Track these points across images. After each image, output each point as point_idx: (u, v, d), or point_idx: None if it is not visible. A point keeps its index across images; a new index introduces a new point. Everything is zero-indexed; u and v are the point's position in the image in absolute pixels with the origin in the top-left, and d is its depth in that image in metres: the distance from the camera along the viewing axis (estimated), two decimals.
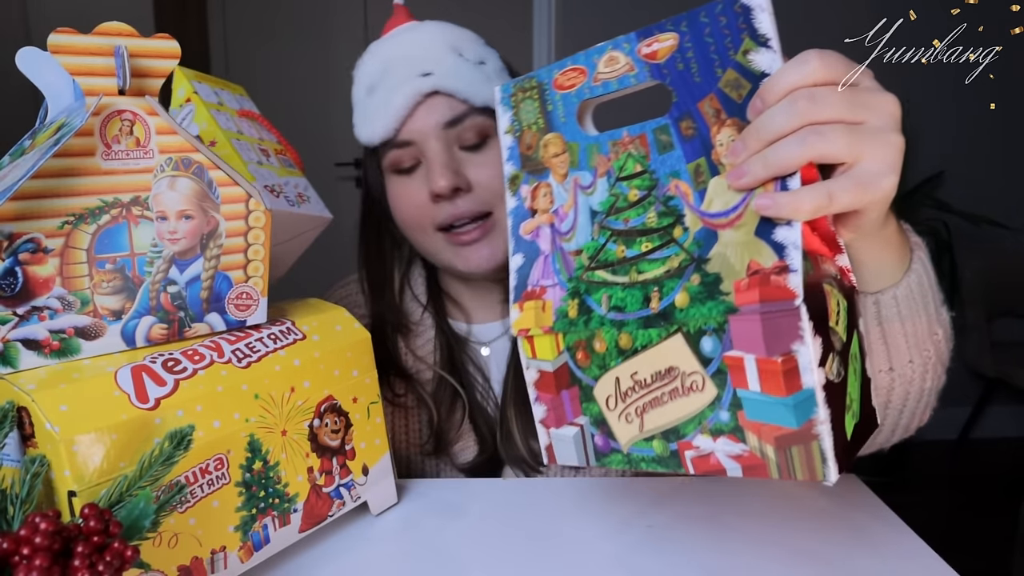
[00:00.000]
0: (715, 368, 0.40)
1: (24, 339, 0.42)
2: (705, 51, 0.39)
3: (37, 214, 0.41)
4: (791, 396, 0.37)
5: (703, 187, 0.40)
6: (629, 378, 0.43)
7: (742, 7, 0.38)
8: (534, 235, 0.48)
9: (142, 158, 0.44)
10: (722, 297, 0.39)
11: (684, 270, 0.40)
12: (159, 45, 0.45)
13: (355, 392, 0.54)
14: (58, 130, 0.44)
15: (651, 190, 0.42)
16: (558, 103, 0.46)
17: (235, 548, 0.46)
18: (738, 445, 0.40)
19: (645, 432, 0.43)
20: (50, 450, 0.38)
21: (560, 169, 0.46)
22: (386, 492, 0.58)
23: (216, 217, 0.48)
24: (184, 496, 0.42)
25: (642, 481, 0.71)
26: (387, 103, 0.68)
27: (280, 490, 0.48)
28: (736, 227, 0.38)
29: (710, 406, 0.40)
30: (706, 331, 0.40)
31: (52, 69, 0.48)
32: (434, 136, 0.68)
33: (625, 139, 0.43)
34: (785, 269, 0.36)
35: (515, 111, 0.48)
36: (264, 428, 0.47)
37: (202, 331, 0.49)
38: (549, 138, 0.46)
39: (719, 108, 0.39)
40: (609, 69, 0.43)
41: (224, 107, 0.67)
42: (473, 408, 0.74)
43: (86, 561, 0.32)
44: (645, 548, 0.53)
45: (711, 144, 0.39)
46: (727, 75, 0.39)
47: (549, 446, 0.48)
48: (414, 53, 0.69)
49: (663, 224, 0.41)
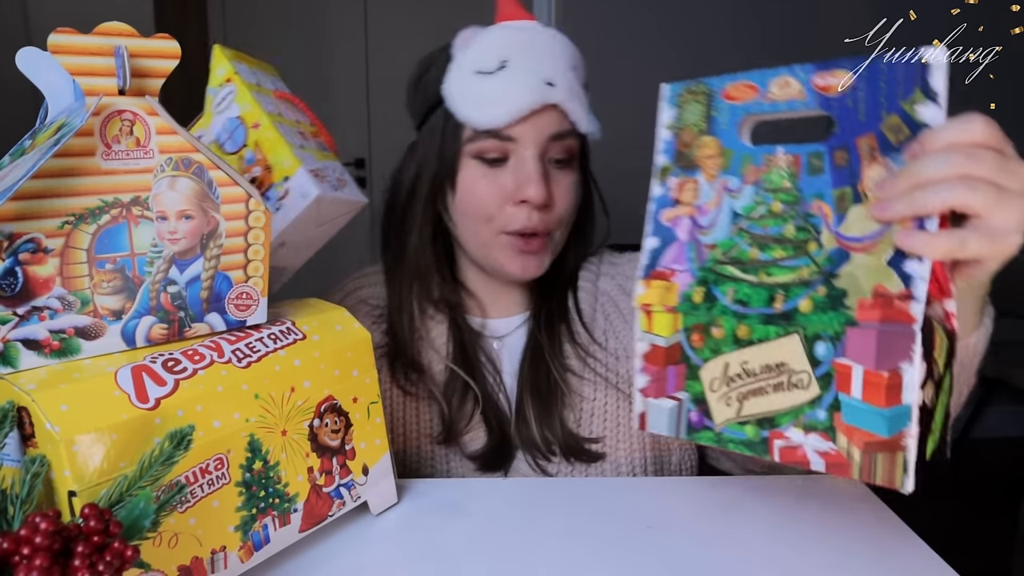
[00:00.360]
0: (823, 371, 0.44)
1: (24, 339, 0.42)
2: (876, 94, 0.43)
3: (37, 214, 0.41)
4: (889, 408, 0.41)
5: (844, 212, 0.44)
6: (739, 365, 0.48)
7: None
8: (673, 223, 0.52)
9: (142, 158, 0.44)
10: (844, 310, 0.43)
11: (812, 281, 0.45)
12: (159, 45, 0.45)
13: (355, 392, 0.54)
14: (58, 130, 0.44)
15: (794, 205, 0.46)
16: (723, 111, 0.50)
17: (235, 548, 0.46)
18: (827, 443, 0.44)
19: (741, 416, 0.48)
20: (50, 450, 0.38)
21: (711, 170, 0.51)
22: (386, 492, 0.58)
23: (216, 217, 0.48)
24: (184, 496, 0.42)
25: (642, 481, 0.71)
26: (506, 96, 0.68)
27: (280, 490, 0.48)
28: (870, 253, 0.43)
29: (809, 403, 0.45)
30: (823, 337, 0.44)
31: (52, 69, 0.48)
32: (538, 144, 0.69)
33: (780, 156, 0.47)
34: (910, 297, 0.41)
35: (679, 110, 0.52)
36: (264, 428, 0.47)
37: (202, 331, 0.49)
38: (706, 140, 0.51)
39: (875, 147, 0.43)
40: (781, 91, 0.47)
41: (263, 88, 0.67)
42: (484, 400, 0.75)
43: (86, 561, 0.32)
44: (645, 548, 0.53)
45: (859, 176, 0.43)
46: (890, 119, 0.42)
47: (643, 414, 0.52)
48: (538, 57, 0.70)
49: (799, 238, 0.46)
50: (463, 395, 0.75)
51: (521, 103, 0.67)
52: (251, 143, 0.65)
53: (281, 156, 0.64)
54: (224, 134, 0.66)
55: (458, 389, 0.75)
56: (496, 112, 0.68)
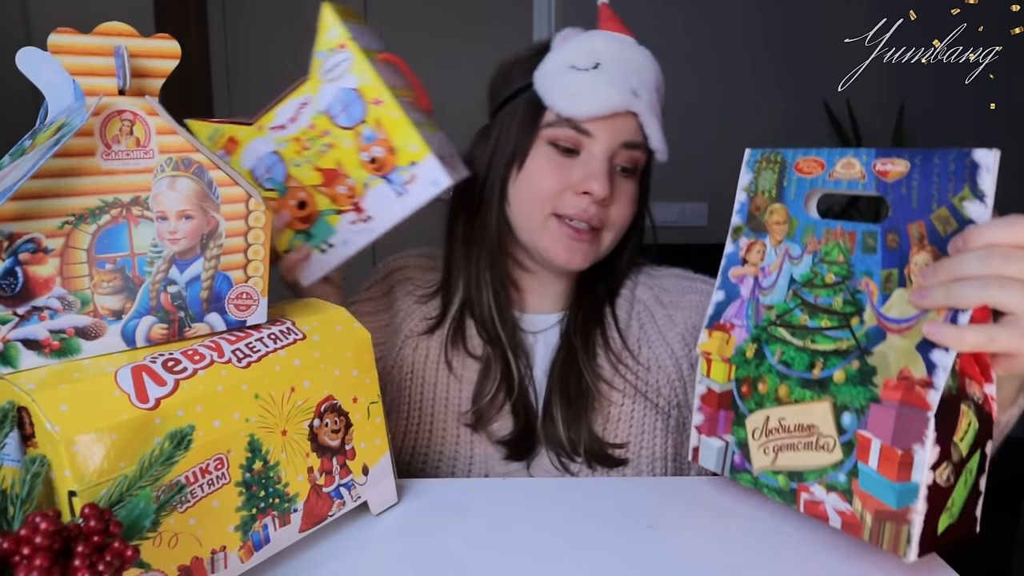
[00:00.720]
0: (847, 439, 0.48)
1: (24, 339, 0.42)
2: (929, 186, 0.46)
3: (37, 214, 0.41)
4: (899, 483, 0.45)
5: (888, 293, 0.47)
6: (777, 421, 0.53)
7: (972, 162, 0.44)
8: (739, 280, 0.57)
9: (142, 158, 0.44)
10: (871, 387, 0.47)
11: (849, 354, 0.48)
12: (159, 45, 0.45)
13: (355, 392, 0.54)
14: (58, 130, 0.44)
15: (845, 279, 0.50)
16: (793, 181, 0.54)
17: (235, 548, 0.46)
18: (845, 504, 0.48)
19: (775, 467, 0.53)
20: (50, 450, 0.38)
21: (777, 235, 0.55)
22: (386, 492, 0.58)
23: (216, 217, 0.48)
24: (184, 496, 0.42)
25: (642, 481, 0.72)
26: (596, 92, 0.71)
27: (280, 490, 0.48)
28: (904, 335, 0.46)
29: (833, 466, 0.49)
30: (849, 408, 0.48)
31: (52, 69, 0.48)
32: (611, 146, 0.72)
33: (838, 231, 0.51)
34: (930, 385, 0.44)
35: (756, 175, 0.57)
36: (264, 428, 0.47)
37: (202, 331, 0.49)
38: (776, 207, 0.55)
39: (924, 234, 0.46)
40: (844, 171, 0.51)
41: (371, 53, 0.65)
42: (516, 388, 0.77)
43: (86, 561, 0.32)
44: (645, 548, 0.53)
45: (907, 260, 0.47)
46: (940, 211, 0.45)
47: (696, 448, 0.60)
48: (631, 67, 0.73)
49: (845, 311, 0.50)
50: (498, 380, 0.77)
51: (607, 102, 0.71)
52: (371, 120, 0.64)
53: (407, 139, 0.63)
54: (337, 105, 0.64)
55: (494, 373, 0.77)
56: (582, 104, 0.71)
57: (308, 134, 0.66)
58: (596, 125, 0.72)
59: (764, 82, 2.39)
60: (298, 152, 0.66)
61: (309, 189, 0.67)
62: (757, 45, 2.36)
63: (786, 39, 2.36)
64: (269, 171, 0.67)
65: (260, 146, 0.67)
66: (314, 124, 0.65)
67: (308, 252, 0.69)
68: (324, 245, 0.68)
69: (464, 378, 0.79)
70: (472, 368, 0.78)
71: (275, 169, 0.67)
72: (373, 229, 0.67)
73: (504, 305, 0.79)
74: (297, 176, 0.67)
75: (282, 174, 0.67)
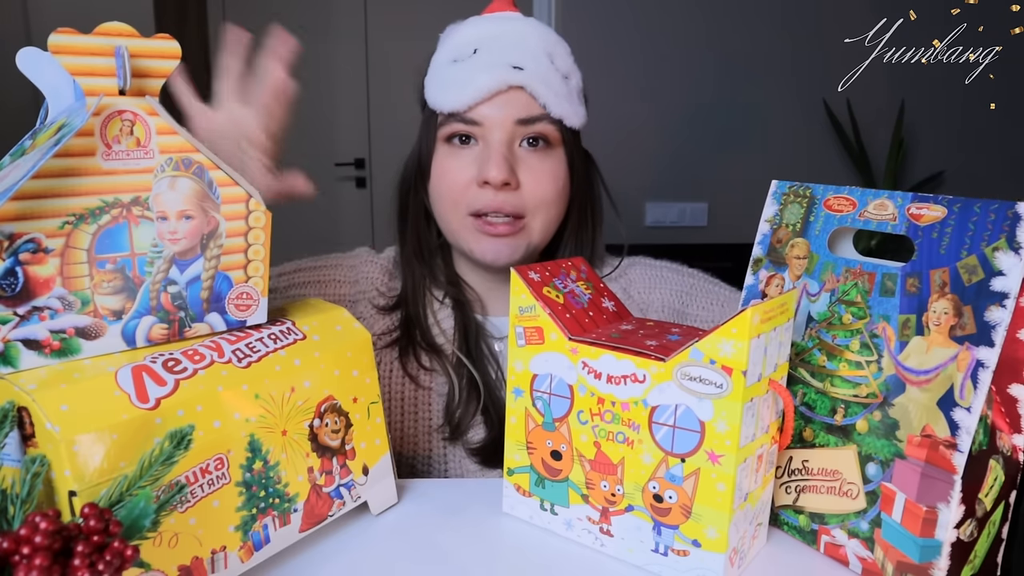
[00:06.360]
0: (872, 488, 0.47)
1: (24, 339, 0.42)
2: (962, 233, 0.45)
3: (37, 214, 0.41)
4: (922, 538, 0.44)
5: (906, 339, 0.46)
6: (800, 461, 0.52)
7: (1015, 214, 0.43)
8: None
9: (142, 158, 0.44)
10: (895, 441, 0.46)
11: (870, 403, 0.48)
12: (159, 45, 0.45)
13: (355, 392, 0.54)
14: (58, 130, 0.44)
15: (863, 321, 0.49)
16: (820, 217, 0.53)
17: (235, 548, 0.46)
18: (866, 551, 0.48)
19: (796, 505, 0.52)
20: (50, 450, 0.38)
21: (797, 270, 0.54)
22: (386, 492, 0.58)
23: (216, 217, 0.48)
24: (184, 496, 0.42)
25: None
26: (471, 79, 0.69)
27: (280, 490, 0.49)
28: (923, 389, 0.45)
29: (856, 513, 0.48)
30: (874, 459, 0.47)
31: (52, 69, 0.48)
32: (503, 127, 0.70)
33: (857, 270, 0.50)
34: (954, 447, 0.43)
35: (782, 207, 0.55)
36: (264, 428, 0.47)
37: (202, 331, 0.49)
38: (798, 241, 0.54)
39: (947, 281, 0.45)
40: (876, 212, 0.49)
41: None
42: (486, 393, 0.76)
43: (86, 561, 0.32)
44: None
45: (926, 307, 0.45)
46: (968, 259, 0.44)
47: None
48: (510, 43, 0.70)
49: (863, 355, 0.48)
50: (469, 387, 0.75)
51: (482, 86, 0.68)
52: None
53: None
54: None
55: (464, 379, 0.76)
56: (459, 95, 0.69)
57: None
58: (481, 111, 0.70)
59: (764, 82, 2.39)
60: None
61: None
62: (757, 45, 2.36)
63: (786, 39, 2.36)
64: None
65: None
66: None
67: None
68: None
69: (433, 390, 0.77)
70: (439, 380, 0.77)
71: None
72: None
73: (466, 313, 0.78)
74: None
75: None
